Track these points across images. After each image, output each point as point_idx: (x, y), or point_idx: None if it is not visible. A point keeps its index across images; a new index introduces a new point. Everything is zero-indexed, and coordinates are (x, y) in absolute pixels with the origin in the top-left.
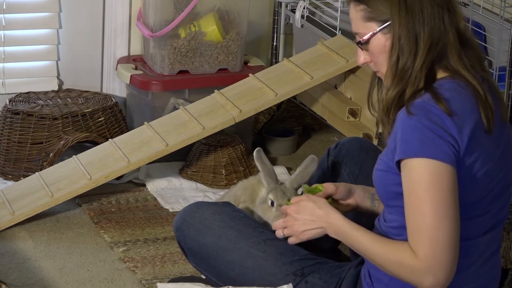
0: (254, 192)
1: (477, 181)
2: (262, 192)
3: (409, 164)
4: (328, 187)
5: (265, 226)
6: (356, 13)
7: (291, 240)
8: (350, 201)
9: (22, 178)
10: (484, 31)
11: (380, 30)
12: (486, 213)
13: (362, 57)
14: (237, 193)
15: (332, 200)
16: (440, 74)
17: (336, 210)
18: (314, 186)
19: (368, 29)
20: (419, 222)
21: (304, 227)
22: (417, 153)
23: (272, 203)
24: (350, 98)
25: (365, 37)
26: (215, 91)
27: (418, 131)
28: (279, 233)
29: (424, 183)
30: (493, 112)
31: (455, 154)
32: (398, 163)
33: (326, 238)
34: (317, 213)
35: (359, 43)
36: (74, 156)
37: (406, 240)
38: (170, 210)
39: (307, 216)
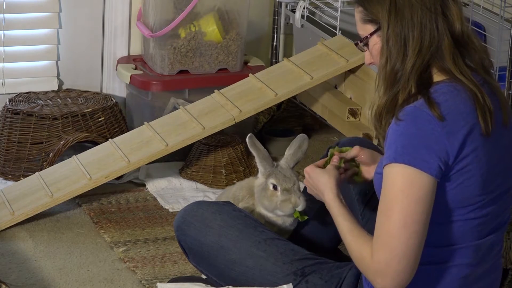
0: (251, 188)
1: (472, 184)
2: (258, 179)
3: (388, 168)
4: (354, 149)
5: (266, 225)
6: (356, 14)
7: None
8: (373, 167)
9: (22, 178)
10: (484, 31)
11: (374, 32)
12: (484, 216)
13: (367, 57)
14: (236, 193)
15: (352, 163)
16: (437, 78)
17: (335, 189)
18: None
19: (365, 31)
20: (382, 225)
21: (313, 192)
22: (397, 158)
23: (275, 187)
24: (350, 98)
25: (362, 39)
26: (215, 91)
27: (403, 137)
28: None
29: (396, 189)
30: (492, 115)
31: (440, 163)
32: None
33: (326, 237)
34: (320, 185)
35: (356, 44)
36: (74, 156)
37: None
38: (170, 210)
39: (313, 183)
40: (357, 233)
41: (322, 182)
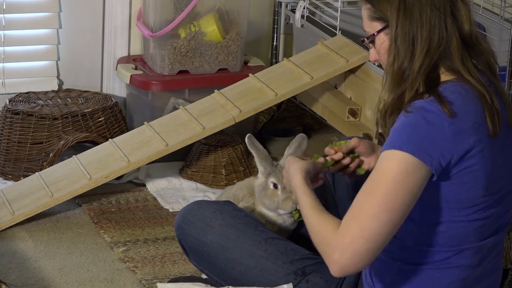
0: (252, 188)
1: (477, 185)
2: (258, 179)
3: (388, 152)
4: (352, 140)
5: (266, 224)
6: (364, 11)
7: None
8: (373, 157)
9: (22, 178)
10: (484, 31)
11: (382, 30)
12: (487, 218)
13: (373, 54)
14: (236, 192)
15: (354, 155)
16: (445, 77)
17: (304, 173)
18: (340, 142)
19: (372, 29)
20: (361, 203)
21: (286, 180)
22: (402, 146)
23: (275, 186)
24: (350, 98)
25: (368, 36)
26: (215, 91)
27: (410, 128)
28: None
29: (390, 174)
30: (500, 116)
31: (441, 159)
32: None
33: None
34: (290, 171)
35: (363, 41)
36: (74, 156)
37: (404, 241)
38: (170, 210)
39: (287, 169)
40: (319, 211)
41: (293, 167)
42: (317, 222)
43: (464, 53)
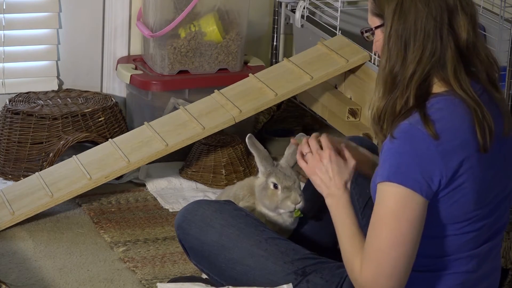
0: (252, 187)
1: (467, 201)
2: (259, 179)
3: (381, 186)
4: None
5: (267, 224)
6: (368, 4)
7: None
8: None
9: (22, 178)
10: (484, 31)
11: (379, 27)
12: (479, 229)
13: (374, 43)
14: (237, 192)
15: None
16: (437, 88)
17: (349, 185)
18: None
19: (373, 23)
20: (372, 243)
21: (317, 174)
22: (390, 177)
23: (275, 186)
24: (350, 98)
25: (367, 29)
26: (215, 91)
27: (397, 156)
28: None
29: (388, 209)
30: (492, 129)
31: (431, 183)
32: None
33: (326, 237)
34: (337, 179)
35: (362, 33)
36: (74, 156)
37: None
38: (170, 210)
39: (329, 172)
40: (356, 240)
41: (342, 176)
42: (350, 256)
43: (458, 65)
